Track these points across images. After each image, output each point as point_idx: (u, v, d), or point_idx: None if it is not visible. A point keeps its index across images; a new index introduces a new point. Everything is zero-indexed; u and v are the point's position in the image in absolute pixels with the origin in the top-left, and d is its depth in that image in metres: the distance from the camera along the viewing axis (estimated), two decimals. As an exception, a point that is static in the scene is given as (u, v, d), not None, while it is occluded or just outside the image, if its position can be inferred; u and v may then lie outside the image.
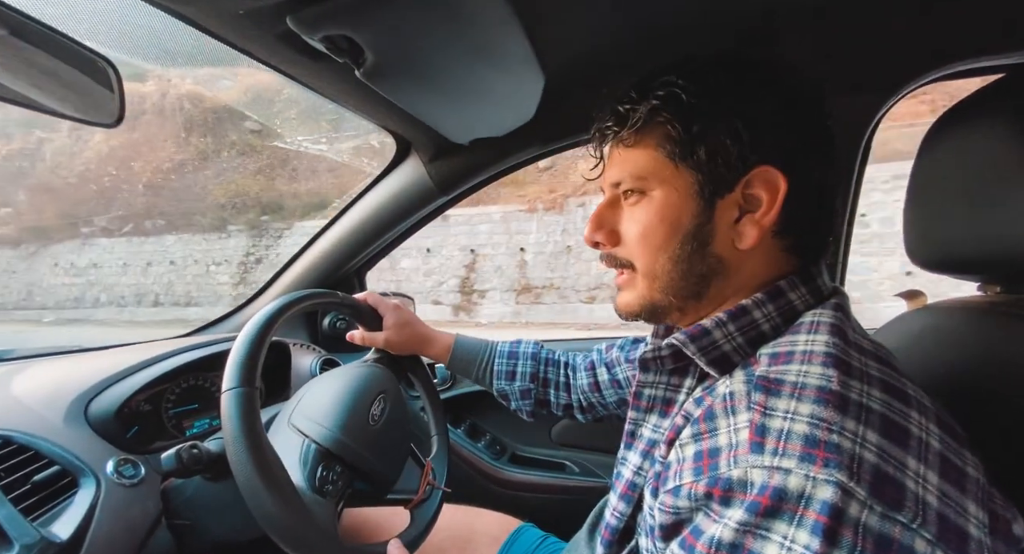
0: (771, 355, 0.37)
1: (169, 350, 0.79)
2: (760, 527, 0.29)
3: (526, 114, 0.80)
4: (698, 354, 0.41)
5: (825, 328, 0.37)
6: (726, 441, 0.34)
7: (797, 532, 0.28)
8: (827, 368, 0.33)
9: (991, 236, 0.44)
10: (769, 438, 0.31)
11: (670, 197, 0.42)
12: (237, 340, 0.52)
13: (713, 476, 0.33)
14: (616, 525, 0.48)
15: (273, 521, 0.46)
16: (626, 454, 0.51)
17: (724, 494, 0.32)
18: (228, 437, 0.46)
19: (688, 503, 0.34)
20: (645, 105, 0.42)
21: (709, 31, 0.67)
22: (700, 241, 0.42)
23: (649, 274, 0.44)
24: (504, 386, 0.74)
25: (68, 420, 0.63)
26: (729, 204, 0.41)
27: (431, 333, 0.75)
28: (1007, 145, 0.42)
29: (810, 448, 0.30)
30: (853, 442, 0.30)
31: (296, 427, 0.57)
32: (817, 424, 0.30)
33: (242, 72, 7.48)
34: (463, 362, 0.75)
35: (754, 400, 0.34)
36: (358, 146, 5.69)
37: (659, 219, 0.43)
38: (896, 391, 0.34)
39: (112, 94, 0.49)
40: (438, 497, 0.64)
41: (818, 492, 0.28)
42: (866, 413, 0.31)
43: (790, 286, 0.41)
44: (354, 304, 0.72)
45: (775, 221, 0.40)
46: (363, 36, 0.50)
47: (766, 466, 0.30)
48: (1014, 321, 0.45)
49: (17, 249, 10.89)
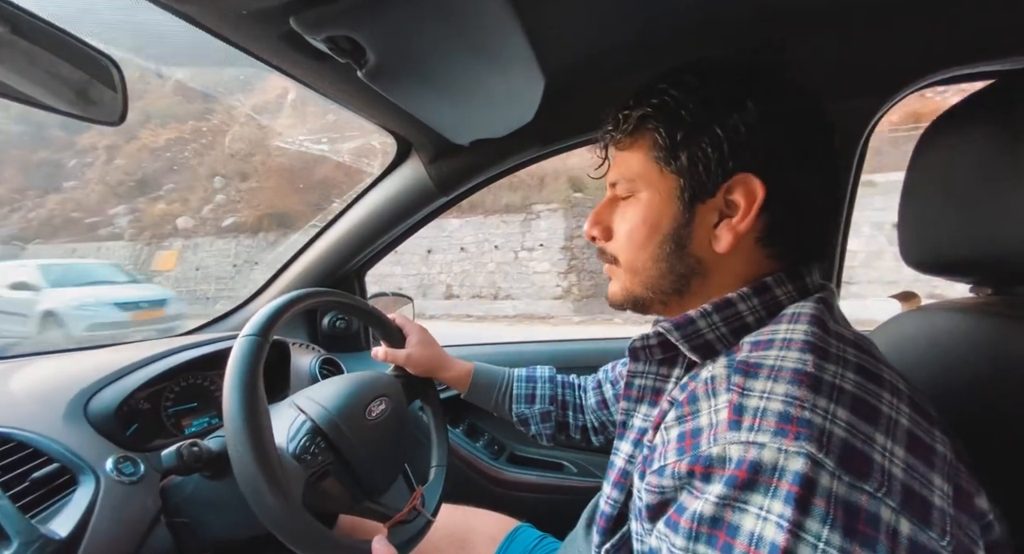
0: (752, 342, 0.39)
1: (168, 348, 0.79)
2: (738, 500, 0.31)
3: (526, 115, 0.81)
4: (682, 341, 0.43)
5: (806, 319, 0.38)
6: (707, 421, 0.35)
7: (772, 502, 0.30)
8: (804, 353, 0.35)
9: (982, 239, 0.45)
10: (746, 416, 0.33)
11: (654, 199, 0.45)
12: (278, 299, 0.58)
13: (695, 454, 0.34)
14: (610, 512, 0.48)
15: (248, 465, 0.47)
16: (619, 444, 0.52)
17: (705, 470, 0.33)
18: (227, 381, 0.50)
19: (672, 481, 0.35)
20: (638, 111, 0.44)
21: (706, 34, 0.68)
22: (679, 243, 0.44)
23: (631, 269, 0.47)
24: (524, 410, 0.74)
25: (67, 417, 0.63)
26: (709, 209, 0.43)
27: (450, 358, 0.76)
28: (998, 149, 0.43)
29: (783, 423, 0.31)
30: (824, 418, 0.31)
31: (296, 405, 0.59)
32: (791, 402, 0.32)
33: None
34: (482, 387, 0.75)
35: (733, 382, 0.35)
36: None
37: (642, 219, 0.45)
38: (870, 374, 0.35)
39: (115, 92, 0.49)
40: (422, 524, 0.62)
41: (790, 463, 0.30)
42: (838, 392, 0.33)
43: (776, 282, 0.42)
44: (381, 318, 0.74)
45: (753, 227, 0.42)
46: (365, 37, 0.50)
47: (742, 442, 0.32)
48: (1005, 321, 0.46)
49: (255, 237, 9.60)
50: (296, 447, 0.55)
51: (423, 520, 0.62)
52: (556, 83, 0.73)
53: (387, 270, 8.25)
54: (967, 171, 0.46)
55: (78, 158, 12.46)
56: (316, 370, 0.96)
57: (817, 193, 0.43)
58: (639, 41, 0.70)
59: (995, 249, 0.44)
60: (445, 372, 0.75)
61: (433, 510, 0.64)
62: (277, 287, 1.11)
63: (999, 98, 0.46)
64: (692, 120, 0.42)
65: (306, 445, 0.55)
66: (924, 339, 0.53)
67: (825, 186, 0.43)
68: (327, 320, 1.16)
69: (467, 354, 1.15)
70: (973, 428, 0.41)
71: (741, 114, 0.41)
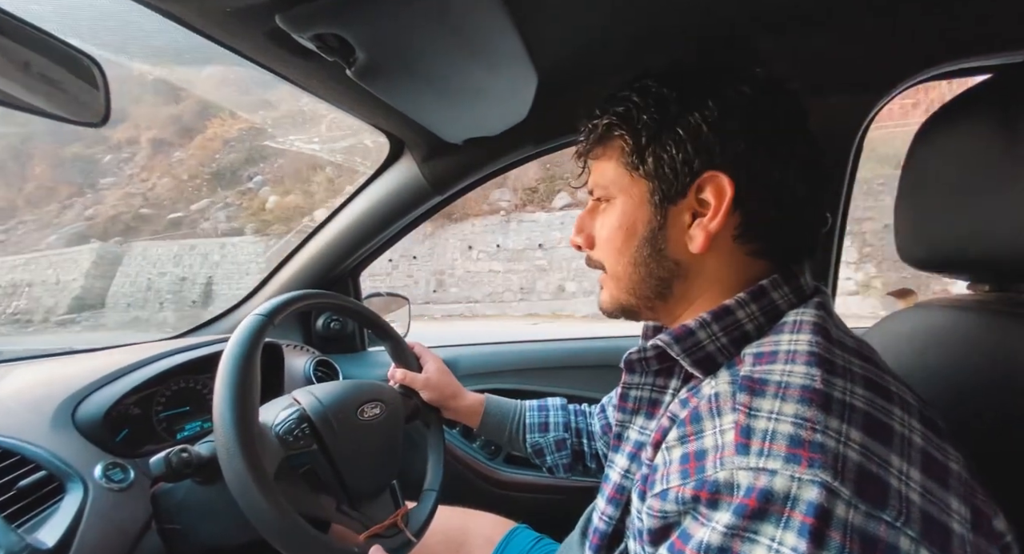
0: (755, 355, 0.38)
1: (160, 352, 0.78)
2: (748, 530, 0.29)
3: (519, 114, 0.80)
4: (683, 355, 0.41)
5: (808, 327, 0.37)
6: (712, 443, 0.34)
7: (784, 534, 0.28)
8: (810, 367, 0.34)
9: (979, 235, 0.44)
10: (754, 439, 0.31)
11: (627, 204, 0.45)
12: (298, 291, 0.62)
13: (700, 479, 0.33)
14: (604, 529, 0.47)
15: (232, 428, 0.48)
16: (613, 457, 0.51)
17: (711, 497, 0.31)
18: (225, 355, 0.52)
19: (676, 507, 0.34)
20: (605, 120, 0.45)
21: (698, 31, 0.67)
22: (655, 246, 0.44)
23: (614, 276, 0.48)
24: (538, 439, 0.72)
25: (55, 424, 0.62)
26: (682, 210, 0.43)
27: (462, 388, 0.76)
28: (994, 145, 0.43)
29: (795, 448, 0.30)
30: (837, 441, 0.30)
31: (293, 396, 0.61)
32: (801, 424, 0.31)
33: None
34: (495, 418, 0.74)
35: (739, 401, 0.34)
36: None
37: (618, 225, 0.46)
38: (879, 388, 0.34)
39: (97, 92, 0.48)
40: (400, 542, 0.60)
41: (804, 493, 0.28)
42: (849, 411, 0.31)
43: (773, 285, 0.42)
44: (401, 343, 0.76)
45: (727, 224, 0.41)
46: (353, 35, 0.49)
47: (752, 468, 0.30)
48: (1003, 318, 0.45)
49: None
50: (281, 428, 0.56)
51: (403, 539, 0.60)
52: (549, 81, 0.73)
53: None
54: (963, 167, 0.46)
55: (113, 153, 12.02)
56: (311, 372, 0.95)
57: (794, 185, 0.42)
58: (631, 41, 0.70)
59: (992, 245, 0.44)
60: (459, 400, 0.74)
61: (417, 531, 0.62)
62: (270, 289, 1.10)
63: (996, 93, 0.46)
64: (654, 123, 0.42)
65: (291, 428, 0.56)
66: (921, 336, 0.52)
67: (802, 177, 0.42)
68: (321, 321, 1.15)
69: (469, 353, 1.15)
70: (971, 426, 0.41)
71: (702, 113, 0.41)
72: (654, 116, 0.42)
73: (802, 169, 0.42)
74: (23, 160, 12.16)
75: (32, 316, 9.74)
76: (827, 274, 0.88)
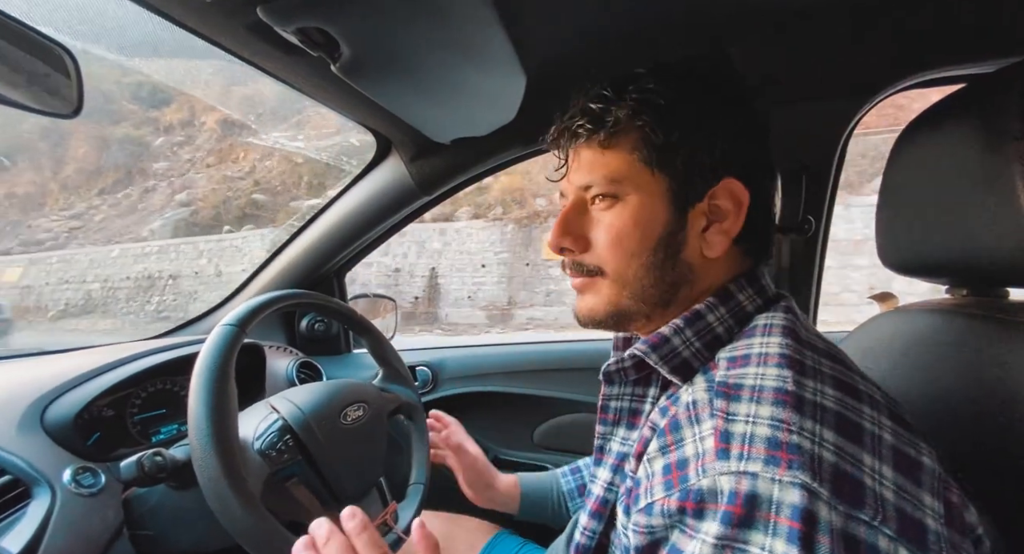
0: (729, 359, 0.38)
1: (134, 353, 0.76)
2: (738, 540, 0.29)
3: (508, 114, 0.80)
4: (660, 363, 0.41)
5: (778, 330, 0.38)
6: (693, 451, 0.34)
7: (774, 541, 0.28)
8: (782, 369, 0.34)
9: (957, 240, 0.45)
10: (734, 443, 0.31)
11: (645, 203, 0.42)
12: (267, 294, 0.60)
13: (684, 488, 0.32)
14: (587, 544, 0.47)
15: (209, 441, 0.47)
16: (596, 471, 0.50)
17: (697, 506, 0.31)
18: (197, 369, 0.50)
19: (662, 520, 0.33)
20: (622, 107, 0.41)
21: (685, 33, 0.68)
22: (672, 249, 0.42)
23: (620, 280, 0.44)
24: (580, 503, 0.68)
25: (22, 427, 0.60)
26: (698, 213, 0.42)
27: (495, 474, 0.72)
28: (970, 152, 0.43)
29: (773, 450, 0.30)
30: (812, 442, 0.30)
31: (270, 404, 0.59)
32: (778, 426, 0.31)
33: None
34: (534, 497, 0.70)
35: (716, 407, 0.34)
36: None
37: (633, 224, 0.42)
38: (848, 387, 0.34)
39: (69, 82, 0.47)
40: (391, 541, 0.59)
41: (786, 496, 0.29)
42: (821, 412, 0.32)
43: (738, 288, 0.43)
44: (383, 342, 0.74)
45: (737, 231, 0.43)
46: (338, 29, 0.48)
47: (733, 472, 0.30)
48: (980, 322, 0.46)
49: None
50: (262, 444, 0.53)
51: (393, 537, 0.60)
52: (537, 82, 0.72)
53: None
54: (941, 173, 0.47)
55: (166, 136, 11.14)
56: (293, 374, 0.93)
57: (774, 195, 0.45)
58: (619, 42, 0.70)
59: (969, 250, 0.44)
60: (496, 484, 0.70)
61: (406, 527, 0.62)
62: (253, 289, 1.08)
63: (970, 101, 0.47)
64: (689, 121, 0.41)
65: (273, 442, 0.54)
66: (901, 339, 0.53)
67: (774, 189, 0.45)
68: (305, 322, 1.13)
69: (455, 355, 1.14)
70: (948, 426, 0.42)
71: (730, 118, 0.42)
72: (687, 111, 0.41)
73: (775, 179, 0.46)
74: (57, 141, 11.23)
75: (185, 312, 8.23)
76: (811, 278, 0.89)
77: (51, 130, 10.96)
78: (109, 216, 10.20)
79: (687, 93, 0.41)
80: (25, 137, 11.19)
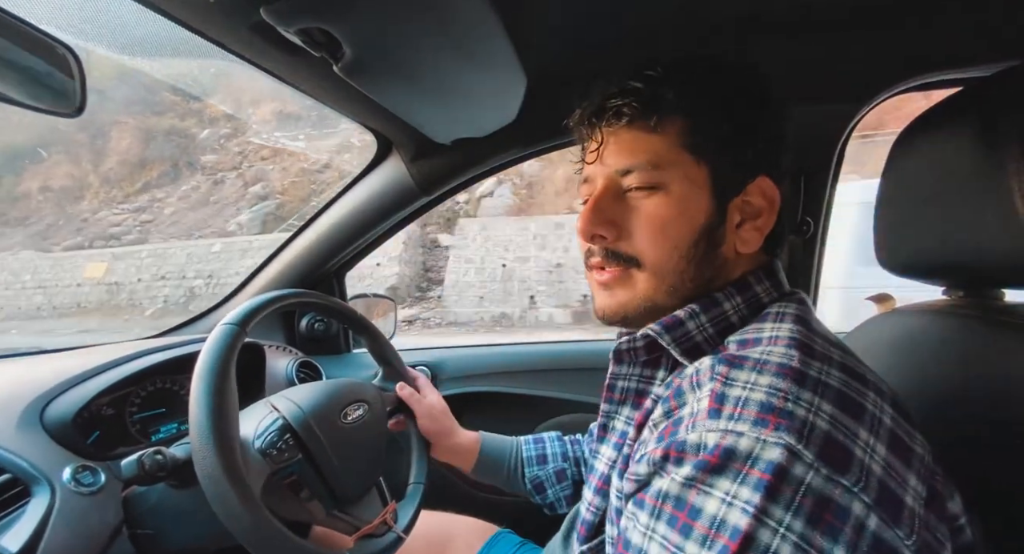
0: (739, 342, 0.39)
1: (134, 351, 0.76)
2: (704, 483, 0.30)
3: (509, 115, 0.80)
4: (672, 345, 0.42)
5: (790, 318, 0.39)
6: (688, 411, 0.35)
7: (739, 488, 0.29)
8: (790, 349, 0.35)
9: (954, 242, 0.46)
10: (727, 405, 0.32)
11: (690, 192, 0.40)
12: (267, 294, 0.60)
13: (671, 440, 0.33)
14: (592, 520, 0.47)
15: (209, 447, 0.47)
16: (599, 448, 0.50)
17: (678, 454, 0.32)
18: (198, 368, 0.50)
19: (647, 468, 0.34)
20: (672, 90, 0.40)
21: (685, 36, 0.68)
22: (712, 241, 0.42)
23: (659, 273, 0.42)
24: (537, 472, 0.70)
25: (22, 425, 0.60)
26: (735, 208, 0.43)
27: (459, 427, 0.73)
28: (967, 155, 0.44)
29: (764, 414, 0.31)
30: (807, 411, 0.31)
31: (271, 403, 0.58)
32: (774, 393, 0.31)
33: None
34: (492, 456, 0.71)
35: (717, 371, 0.35)
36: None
37: (679, 213, 0.40)
38: (855, 374, 0.35)
39: (73, 82, 0.47)
40: (391, 540, 0.59)
41: (765, 453, 0.29)
42: (823, 387, 0.32)
43: (756, 280, 0.43)
44: (383, 342, 0.74)
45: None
46: (340, 30, 0.49)
47: (720, 429, 0.31)
48: (976, 323, 0.46)
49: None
50: (263, 443, 0.53)
51: (393, 536, 0.60)
52: (538, 84, 0.73)
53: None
54: (938, 175, 0.47)
55: (212, 128, 10.66)
56: (293, 373, 0.93)
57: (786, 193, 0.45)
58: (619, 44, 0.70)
59: (966, 252, 0.45)
60: (453, 438, 0.71)
61: (406, 527, 0.62)
62: (253, 288, 1.08)
63: (968, 105, 0.47)
64: (739, 114, 0.41)
65: (273, 441, 0.53)
66: (898, 341, 0.53)
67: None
68: (305, 322, 1.13)
69: (454, 355, 1.14)
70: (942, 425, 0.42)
71: (770, 117, 0.43)
72: (737, 104, 0.41)
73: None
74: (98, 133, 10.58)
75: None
76: (809, 279, 0.90)
77: (87, 123, 10.39)
78: (180, 209, 9.83)
79: (740, 87, 0.42)
80: (62, 130, 10.56)
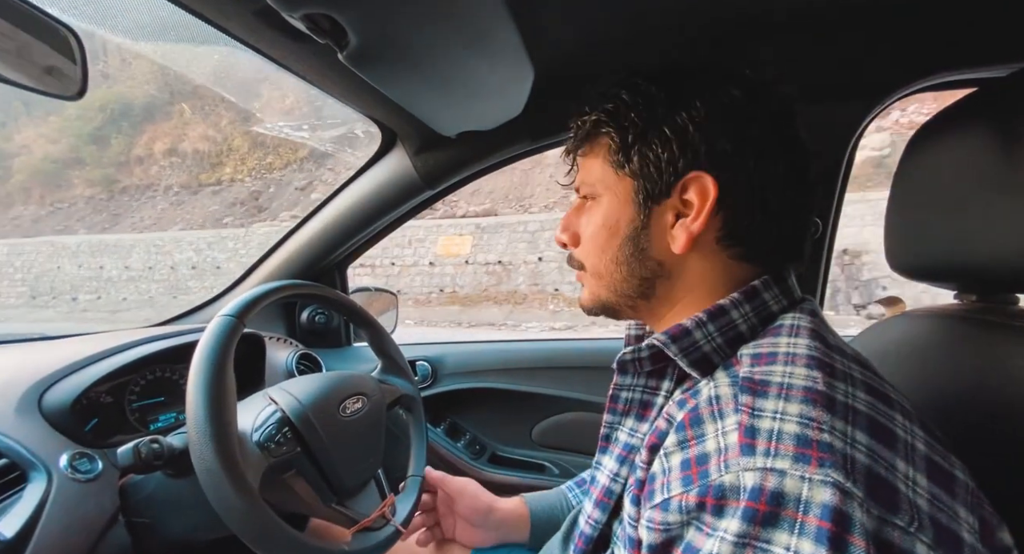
0: (753, 356, 0.37)
1: (134, 339, 0.76)
2: (759, 538, 0.27)
3: (515, 108, 0.79)
4: (680, 355, 0.41)
5: (806, 332, 0.37)
6: (715, 446, 0.32)
7: (800, 541, 0.26)
8: (811, 369, 0.33)
9: (965, 245, 0.45)
10: (760, 439, 0.30)
11: (611, 202, 0.45)
12: (265, 285, 0.60)
13: (704, 484, 0.31)
14: (591, 534, 0.46)
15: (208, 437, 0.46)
16: (601, 459, 0.49)
17: (717, 503, 0.30)
18: (195, 359, 0.50)
19: (679, 517, 0.32)
20: (592, 117, 0.45)
21: (694, 30, 0.67)
22: (638, 245, 0.44)
23: (596, 274, 0.47)
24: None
25: (20, 411, 0.59)
26: (665, 209, 0.43)
27: (495, 497, 0.69)
28: (980, 157, 0.43)
29: (803, 448, 0.29)
30: (844, 442, 0.29)
31: (269, 395, 0.58)
32: (807, 423, 0.30)
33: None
34: (544, 515, 0.67)
35: (741, 402, 0.33)
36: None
37: (602, 222, 0.46)
38: (879, 394, 0.34)
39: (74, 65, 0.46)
40: (389, 532, 0.59)
41: (816, 495, 0.27)
42: (853, 414, 0.31)
43: (764, 286, 0.42)
44: (382, 334, 0.74)
45: (710, 226, 0.41)
46: (346, 16, 0.48)
47: (759, 468, 0.29)
48: (988, 328, 0.45)
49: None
50: (261, 435, 0.53)
51: (391, 529, 0.59)
52: (546, 77, 0.72)
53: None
54: (951, 178, 0.46)
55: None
56: (293, 365, 0.93)
57: (780, 189, 0.41)
58: (629, 39, 0.69)
59: (978, 256, 0.44)
60: (497, 509, 0.67)
61: (404, 520, 0.61)
62: (255, 279, 1.08)
63: (983, 105, 0.46)
64: (641, 122, 0.42)
65: (271, 434, 0.53)
66: (908, 344, 0.52)
67: (789, 181, 0.42)
68: (306, 314, 1.13)
69: (455, 351, 1.14)
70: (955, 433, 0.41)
71: (689, 113, 0.41)
72: (641, 114, 0.42)
73: (789, 173, 0.42)
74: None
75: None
76: (816, 282, 0.89)
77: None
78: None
79: (645, 96, 0.42)
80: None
